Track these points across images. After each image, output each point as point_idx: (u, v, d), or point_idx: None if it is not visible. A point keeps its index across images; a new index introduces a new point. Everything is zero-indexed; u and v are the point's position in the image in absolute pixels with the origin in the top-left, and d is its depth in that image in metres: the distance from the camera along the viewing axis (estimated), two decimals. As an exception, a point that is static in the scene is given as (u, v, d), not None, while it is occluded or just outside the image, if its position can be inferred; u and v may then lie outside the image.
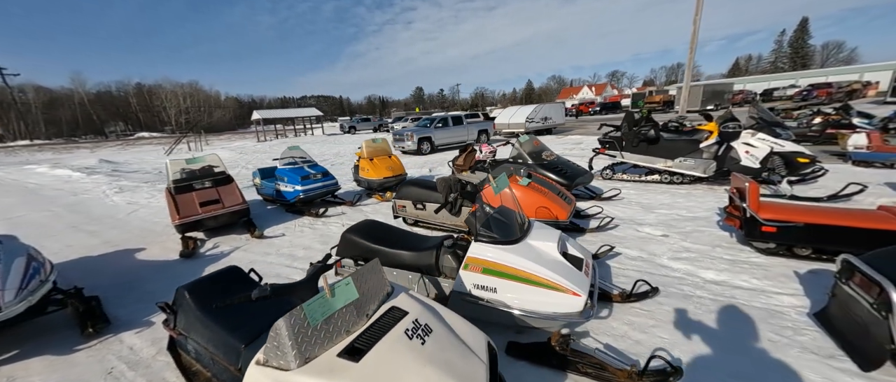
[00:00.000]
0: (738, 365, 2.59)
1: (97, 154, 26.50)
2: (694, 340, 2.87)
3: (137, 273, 4.71)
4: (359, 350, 1.65)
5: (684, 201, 6.38)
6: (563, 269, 2.78)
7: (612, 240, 4.94)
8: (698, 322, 3.09)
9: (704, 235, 4.87)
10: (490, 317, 2.92)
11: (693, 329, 3.00)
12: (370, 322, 1.84)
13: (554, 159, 6.80)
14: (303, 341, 1.57)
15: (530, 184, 4.83)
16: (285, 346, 1.53)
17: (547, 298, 2.68)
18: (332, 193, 7.57)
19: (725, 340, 2.85)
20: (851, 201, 5.75)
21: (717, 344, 2.81)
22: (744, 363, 2.62)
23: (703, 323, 3.06)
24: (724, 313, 3.19)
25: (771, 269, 3.87)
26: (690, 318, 3.14)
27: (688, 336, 2.92)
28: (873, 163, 8.12)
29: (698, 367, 2.60)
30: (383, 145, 8.74)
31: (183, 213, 5.29)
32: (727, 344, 2.80)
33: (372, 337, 1.72)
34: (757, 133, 6.71)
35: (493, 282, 2.82)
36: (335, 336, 1.69)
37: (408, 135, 16.14)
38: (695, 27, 17.40)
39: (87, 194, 10.27)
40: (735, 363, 2.62)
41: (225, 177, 6.11)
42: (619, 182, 8.10)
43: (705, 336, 2.90)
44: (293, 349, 1.53)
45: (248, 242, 5.61)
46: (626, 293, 3.44)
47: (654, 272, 4.04)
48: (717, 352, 2.73)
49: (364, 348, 1.65)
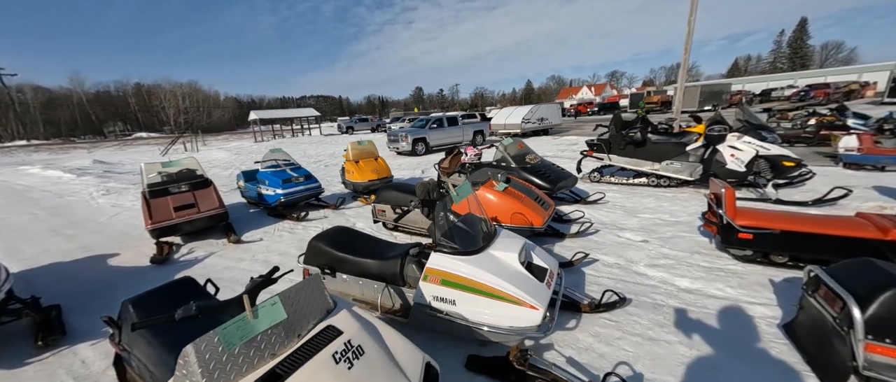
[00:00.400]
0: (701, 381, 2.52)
1: (94, 154, 26.45)
2: (658, 354, 2.79)
3: (106, 280, 4.64)
4: (280, 377, 1.57)
5: (669, 205, 6.30)
6: (523, 281, 2.70)
7: (592, 246, 4.87)
8: (665, 334, 3.01)
9: (684, 241, 4.79)
10: (451, 330, 2.84)
11: (659, 342, 2.93)
12: (300, 343, 1.76)
13: (538, 162, 6.72)
14: (216, 368, 1.49)
15: (506, 190, 4.75)
16: (194, 375, 1.45)
17: (504, 311, 2.60)
18: (316, 196, 7.49)
19: (690, 354, 2.77)
20: (836, 205, 5.68)
21: (681, 359, 2.73)
22: (707, 378, 2.54)
23: (670, 336, 2.98)
24: (692, 324, 3.11)
25: (746, 277, 3.79)
26: (658, 330, 3.06)
27: (652, 350, 2.84)
28: (864, 166, 8.04)
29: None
30: (369, 147, 8.66)
31: (156, 218, 5.21)
32: (691, 358, 2.72)
33: (297, 361, 1.64)
34: (743, 136, 6.62)
35: (452, 294, 2.75)
36: (257, 360, 1.61)
37: (402, 136, 16.05)
38: (689, 28, 17.25)
39: (74, 196, 10.20)
40: (698, 378, 2.54)
41: (202, 181, 6.03)
42: (607, 184, 8.03)
43: (670, 350, 2.82)
44: (203, 377, 1.45)
45: (224, 247, 5.54)
46: (595, 303, 3.37)
47: (629, 280, 3.96)
48: (680, 367, 2.65)
49: (285, 374, 1.57)
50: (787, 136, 12.14)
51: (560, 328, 3.17)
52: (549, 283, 2.88)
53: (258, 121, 35.74)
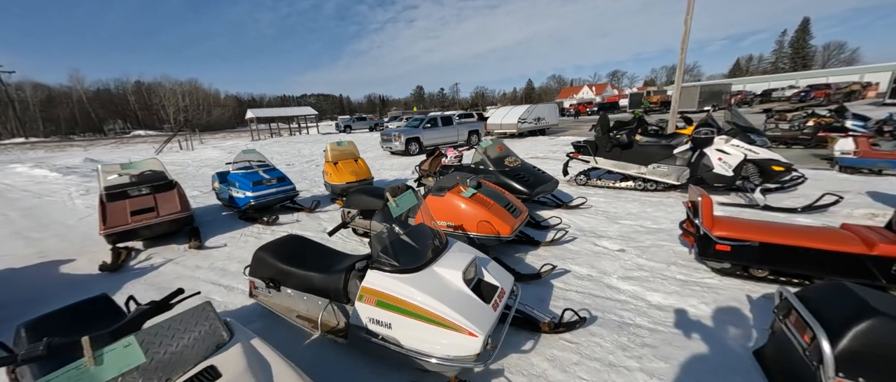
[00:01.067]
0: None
1: (89, 152, 26.29)
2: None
3: (48, 289, 4.38)
4: None
5: (653, 210, 6.04)
6: (464, 303, 2.44)
7: (566, 255, 4.62)
8: (627, 359, 2.75)
9: (662, 251, 4.53)
10: (387, 356, 2.59)
11: (618, 368, 2.67)
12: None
13: (517, 166, 6.46)
14: None
15: (474, 196, 4.49)
16: None
17: (441, 338, 2.34)
18: (291, 199, 7.25)
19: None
20: (827, 212, 5.40)
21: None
22: (663, 413, 2.29)
23: (632, 362, 2.73)
24: (658, 347, 2.86)
25: (723, 293, 3.53)
26: (620, 354, 2.81)
27: (610, 379, 2.58)
28: (861, 170, 7.75)
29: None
30: (350, 148, 8.42)
31: (110, 223, 4.96)
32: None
33: None
34: (731, 139, 6.34)
35: (387, 317, 2.49)
36: None
37: (395, 136, 15.76)
38: (686, 27, 16.97)
39: (52, 196, 9.99)
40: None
41: (165, 184, 5.78)
42: (593, 188, 7.76)
43: (628, 379, 2.57)
44: None
45: (183, 254, 5.30)
46: (555, 322, 3.11)
47: (599, 294, 3.71)
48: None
49: None
50: (785, 138, 11.83)
51: (514, 350, 2.92)
52: (497, 304, 2.62)
53: (255, 120, 35.53)
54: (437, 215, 4.52)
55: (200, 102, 71.30)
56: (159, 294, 4.03)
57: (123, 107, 70.94)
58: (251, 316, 3.67)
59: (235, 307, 3.88)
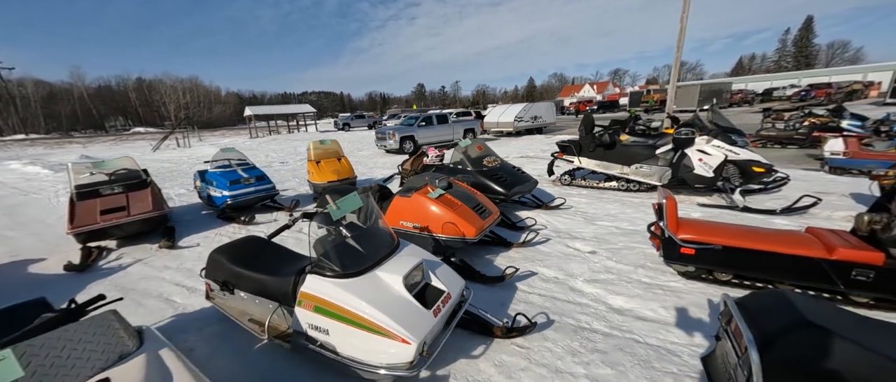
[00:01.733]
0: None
1: (86, 150, 26.34)
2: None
3: (8, 290, 4.36)
4: None
5: (632, 212, 5.96)
6: (400, 309, 2.38)
7: (536, 257, 4.56)
8: (574, 366, 2.69)
9: (633, 253, 4.46)
10: (326, 363, 2.54)
11: (564, 375, 2.61)
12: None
13: (496, 166, 6.39)
14: None
15: (442, 197, 4.43)
16: None
17: (375, 345, 2.29)
18: (271, 198, 7.22)
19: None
20: (807, 214, 5.32)
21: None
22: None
23: (579, 368, 2.67)
24: (608, 352, 2.80)
25: (685, 297, 3.47)
26: (568, 360, 2.75)
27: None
28: (850, 170, 7.65)
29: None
30: (333, 146, 8.36)
31: (78, 222, 4.92)
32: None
33: None
34: (712, 140, 6.25)
35: (325, 323, 2.44)
36: None
37: (390, 134, 15.68)
38: (682, 25, 16.83)
39: (38, 194, 9.99)
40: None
41: (139, 183, 5.74)
42: (577, 188, 7.69)
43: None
44: None
45: (154, 254, 5.26)
46: (508, 326, 3.06)
47: (561, 297, 3.65)
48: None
49: None
50: (780, 138, 11.71)
51: (464, 355, 2.87)
52: (440, 309, 2.56)
53: (253, 118, 35.51)
54: (403, 216, 4.47)
55: (201, 99, 71.32)
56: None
57: (124, 104, 71.02)
58: (209, 320, 3.63)
59: (195, 309, 3.84)
